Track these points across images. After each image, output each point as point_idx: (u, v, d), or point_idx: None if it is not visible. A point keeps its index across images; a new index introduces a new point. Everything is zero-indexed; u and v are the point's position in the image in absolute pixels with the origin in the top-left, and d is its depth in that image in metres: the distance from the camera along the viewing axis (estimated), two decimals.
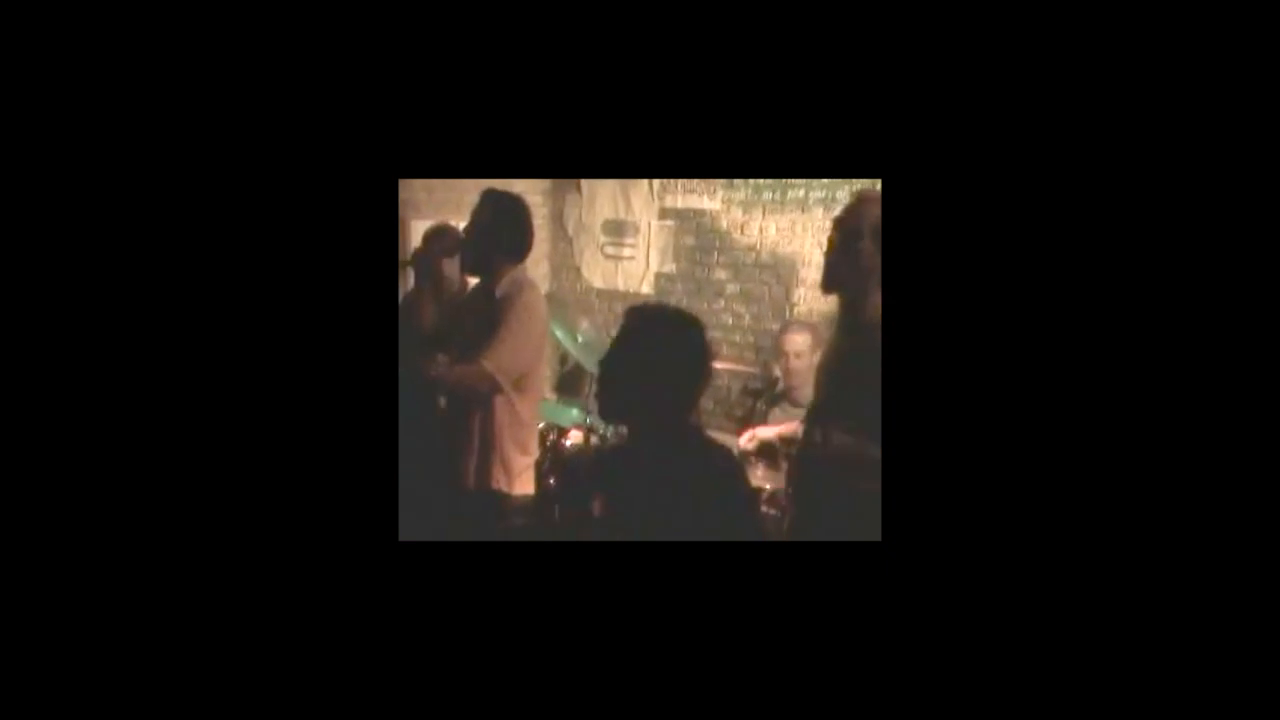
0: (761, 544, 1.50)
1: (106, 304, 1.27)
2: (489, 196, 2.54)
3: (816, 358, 2.80)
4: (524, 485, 2.53)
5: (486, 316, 2.46)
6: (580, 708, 1.32)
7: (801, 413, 2.31)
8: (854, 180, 3.95)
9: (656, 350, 1.56)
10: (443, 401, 2.58)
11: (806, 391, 2.69)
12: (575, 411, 3.59)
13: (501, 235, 2.50)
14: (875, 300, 1.96)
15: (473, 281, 2.69)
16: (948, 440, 1.30)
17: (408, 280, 2.98)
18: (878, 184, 2.17)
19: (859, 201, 2.07)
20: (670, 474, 1.55)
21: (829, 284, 2.08)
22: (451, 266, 2.83)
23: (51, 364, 1.25)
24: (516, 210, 2.53)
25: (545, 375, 2.73)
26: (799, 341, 3.30)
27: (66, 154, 1.26)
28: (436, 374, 2.44)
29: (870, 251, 1.98)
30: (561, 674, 1.33)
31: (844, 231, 2.02)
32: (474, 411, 2.48)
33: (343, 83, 1.34)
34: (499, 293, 2.49)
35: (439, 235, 3.12)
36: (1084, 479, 1.25)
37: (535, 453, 2.63)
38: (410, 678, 1.33)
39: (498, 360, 2.39)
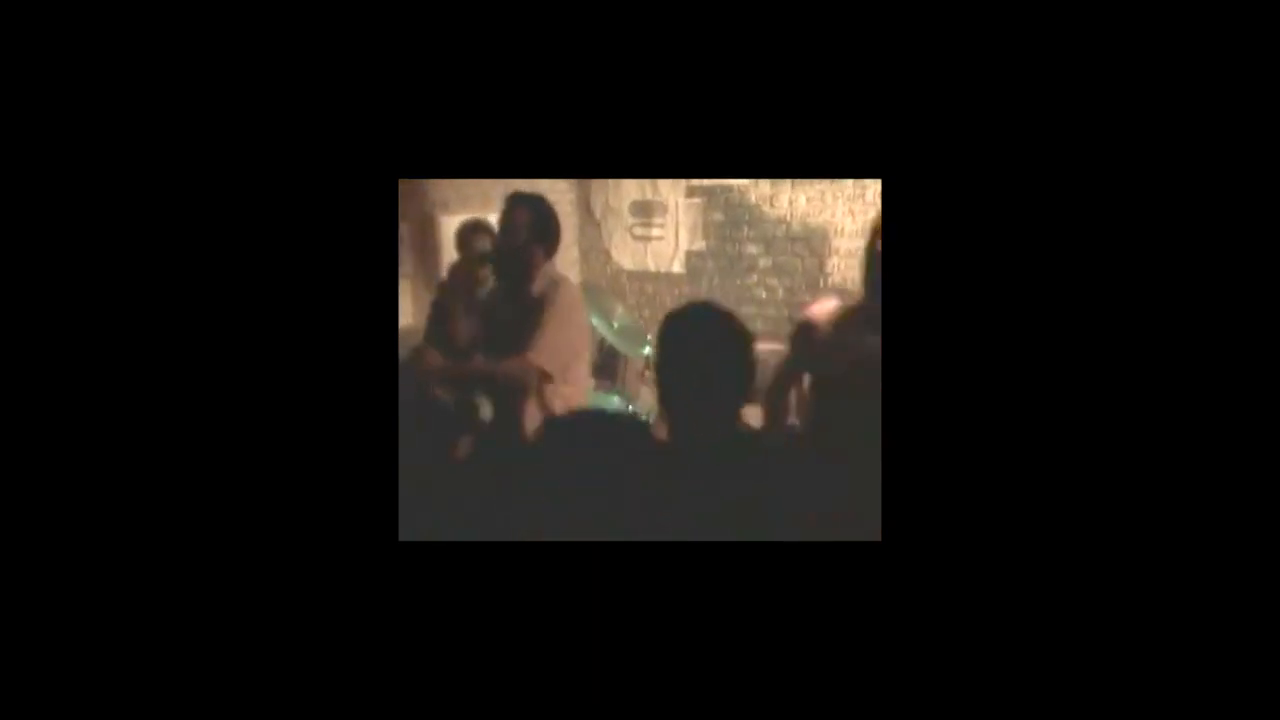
0: (761, 544, 1.49)
1: (107, 305, 1.27)
2: (516, 199, 2.61)
3: None
4: None
5: (526, 315, 2.51)
6: (580, 707, 1.32)
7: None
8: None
9: (707, 354, 1.54)
10: (487, 411, 2.60)
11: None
12: (616, 399, 3.58)
13: (533, 236, 2.56)
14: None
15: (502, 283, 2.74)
16: (948, 440, 1.30)
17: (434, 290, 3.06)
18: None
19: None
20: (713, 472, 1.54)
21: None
22: (484, 272, 2.89)
23: (52, 365, 1.25)
24: (544, 210, 2.61)
25: (588, 363, 2.79)
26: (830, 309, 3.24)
27: (67, 151, 1.26)
28: (478, 367, 2.51)
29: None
30: (561, 674, 1.33)
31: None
32: (524, 406, 2.50)
33: (343, 83, 1.34)
34: (535, 290, 2.55)
35: (475, 230, 3.19)
36: (1083, 478, 1.25)
37: None
38: (410, 677, 1.33)
39: (542, 354, 2.44)
